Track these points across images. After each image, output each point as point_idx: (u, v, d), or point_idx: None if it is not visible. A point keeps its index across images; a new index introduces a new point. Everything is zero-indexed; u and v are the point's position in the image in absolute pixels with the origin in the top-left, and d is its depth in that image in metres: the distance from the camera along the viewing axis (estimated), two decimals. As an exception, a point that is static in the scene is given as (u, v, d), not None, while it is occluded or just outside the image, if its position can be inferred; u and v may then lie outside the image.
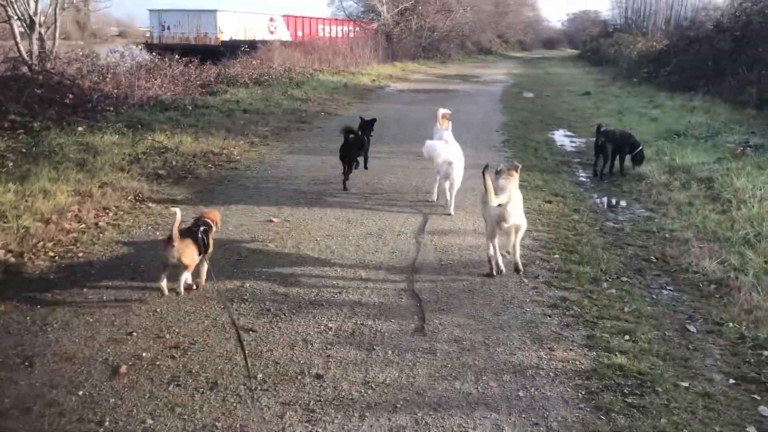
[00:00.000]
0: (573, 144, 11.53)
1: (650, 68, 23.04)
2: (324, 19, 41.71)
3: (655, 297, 4.66)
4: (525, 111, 16.19)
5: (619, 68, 28.38)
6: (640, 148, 8.70)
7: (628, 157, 8.76)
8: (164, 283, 4.16)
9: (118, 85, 13.83)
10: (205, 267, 4.35)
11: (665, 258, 5.47)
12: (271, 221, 6.09)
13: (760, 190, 6.90)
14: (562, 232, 6.04)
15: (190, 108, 12.89)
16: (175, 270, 4.14)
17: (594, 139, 8.74)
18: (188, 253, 4.07)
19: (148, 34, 35.33)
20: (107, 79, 13.90)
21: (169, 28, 34.47)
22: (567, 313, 4.23)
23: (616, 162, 8.83)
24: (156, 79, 14.92)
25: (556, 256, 5.35)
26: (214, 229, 4.41)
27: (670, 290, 4.82)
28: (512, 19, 62.73)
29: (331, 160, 9.12)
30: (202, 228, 4.24)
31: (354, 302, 4.31)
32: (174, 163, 8.37)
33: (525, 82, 26.40)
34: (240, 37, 31.48)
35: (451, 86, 23.18)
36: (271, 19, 36.38)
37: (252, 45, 24.63)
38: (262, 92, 16.13)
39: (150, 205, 6.52)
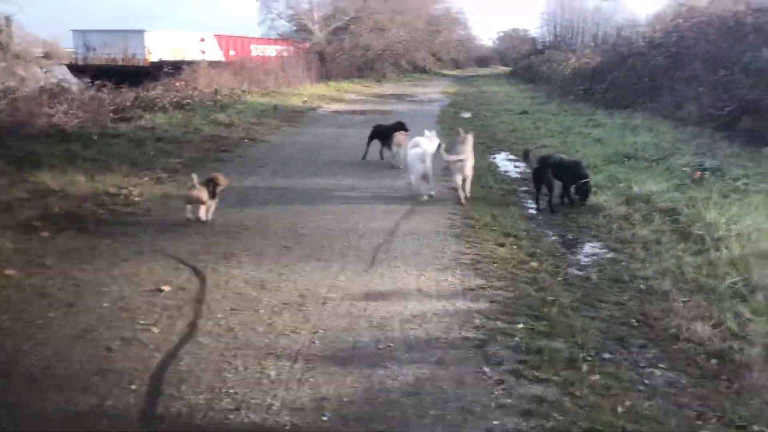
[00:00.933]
0: (517, 169, 10.67)
1: (585, 85, 22.81)
2: (257, 38, 40.38)
3: (648, 382, 3.67)
4: (465, 132, 15.36)
5: (552, 86, 28.18)
6: (587, 180, 7.84)
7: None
8: (189, 214, 6.56)
9: (14, 113, 12.15)
10: (212, 207, 6.70)
11: (647, 320, 4.52)
12: (161, 290, 4.79)
13: (735, 224, 6.13)
14: (522, 288, 5.02)
15: (95, 137, 11.37)
16: (194, 207, 6.53)
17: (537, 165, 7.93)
18: (203, 195, 6.48)
19: (74, 55, 33.11)
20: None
21: (94, 49, 32.40)
22: (546, 425, 3.15)
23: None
24: (61, 105, 13.24)
25: (520, 325, 4.30)
26: (220, 186, 6.69)
27: (664, 369, 3.85)
28: (445, 38, 62.91)
29: (251, 199, 7.92)
30: (212, 184, 6.62)
31: (256, 431, 3.08)
32: (57, 210, 6.91)
33: (461, 101, 25.80)
34: (170, 57, 29.67)
35: (387, 106, 22.24)
36: (202, 39, 34.73)
37: (176, 66, 22.95)
38: (182, 117, 14.69)
39: (7, 272, 5.10)
